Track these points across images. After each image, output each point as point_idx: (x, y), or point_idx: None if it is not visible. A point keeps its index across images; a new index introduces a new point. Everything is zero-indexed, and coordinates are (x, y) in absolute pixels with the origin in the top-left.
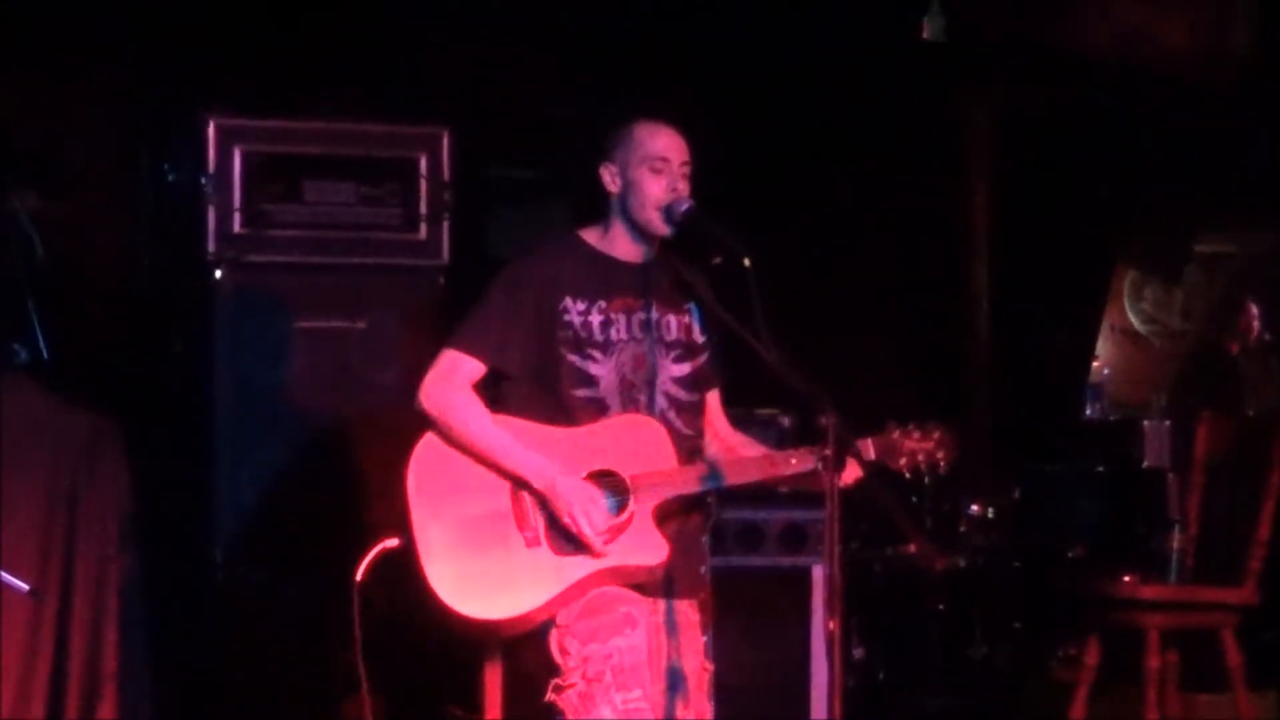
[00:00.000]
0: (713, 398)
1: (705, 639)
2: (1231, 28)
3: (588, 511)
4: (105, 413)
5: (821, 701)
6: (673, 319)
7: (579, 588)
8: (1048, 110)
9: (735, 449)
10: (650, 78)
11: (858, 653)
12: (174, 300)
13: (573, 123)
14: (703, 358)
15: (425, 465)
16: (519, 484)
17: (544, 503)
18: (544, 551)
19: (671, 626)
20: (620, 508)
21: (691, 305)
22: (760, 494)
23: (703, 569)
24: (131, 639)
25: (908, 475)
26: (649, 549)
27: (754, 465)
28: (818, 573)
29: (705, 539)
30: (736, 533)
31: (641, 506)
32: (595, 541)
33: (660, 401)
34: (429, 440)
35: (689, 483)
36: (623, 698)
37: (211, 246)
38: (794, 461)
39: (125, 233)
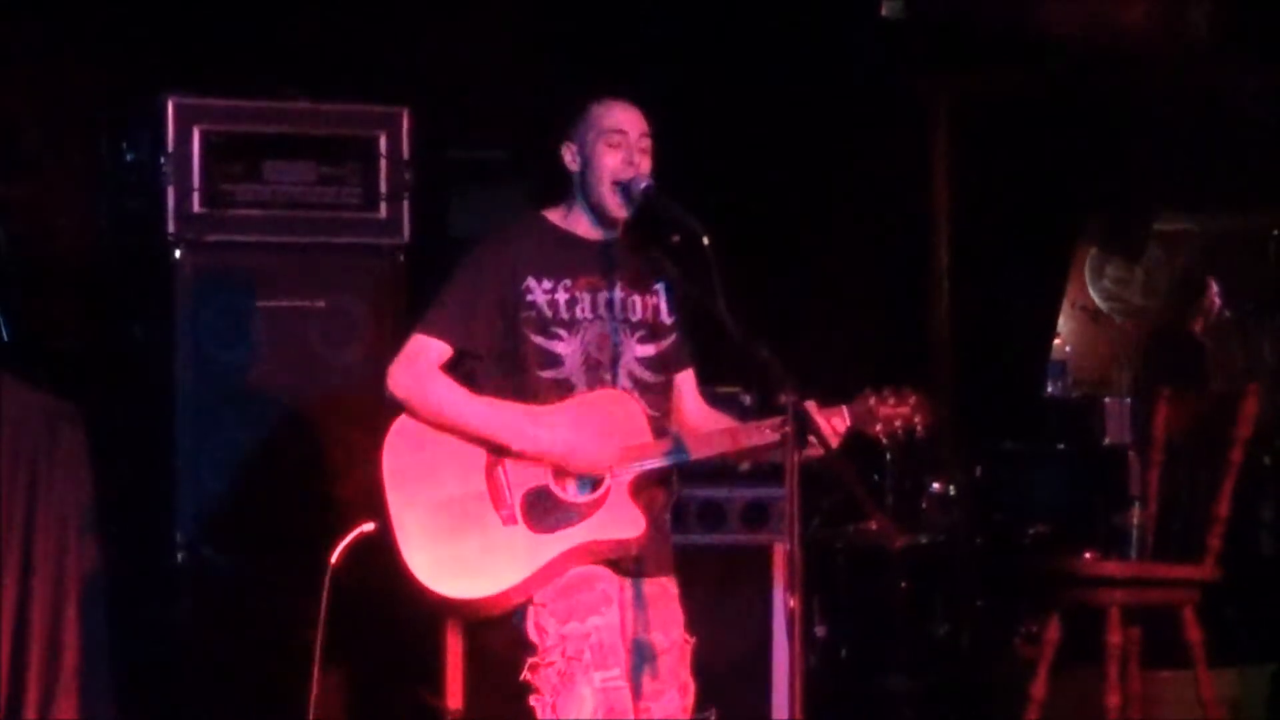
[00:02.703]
0: (685, 378)
1: (683, 611)
2: (1189, 8)
3: (582, 443)
4: (65, 394)
5: (783, 680)
6: (638, 299)
7: (558, 564)
8: (1008, 89)
9: (701, 425)
10: (610, 58)
11: (819, 631)
12: (134, 281)
13: (533, 103)
14: (670, 339)
15: (399, 449)
16: (498, 450)
17: (517, 475)
18: (520, 529)
19: (640, 602)
20: (596, 483)
21: (660, 286)
22: (722, 472)
23: (671, 545)
24: (93, 622)
25: (884, 441)
26: (626, 522)
27: (717, 438)
28: (779, 551)
29: (668, 516)
30: (698, 510)
31: (618, 480)
32: (601, 462)
33: (624, 382)
34: (402, 424)
35: (659, 456)
36: (601, 676)
37: (171, 227)
38: (762, 432)
39: (85, 213)
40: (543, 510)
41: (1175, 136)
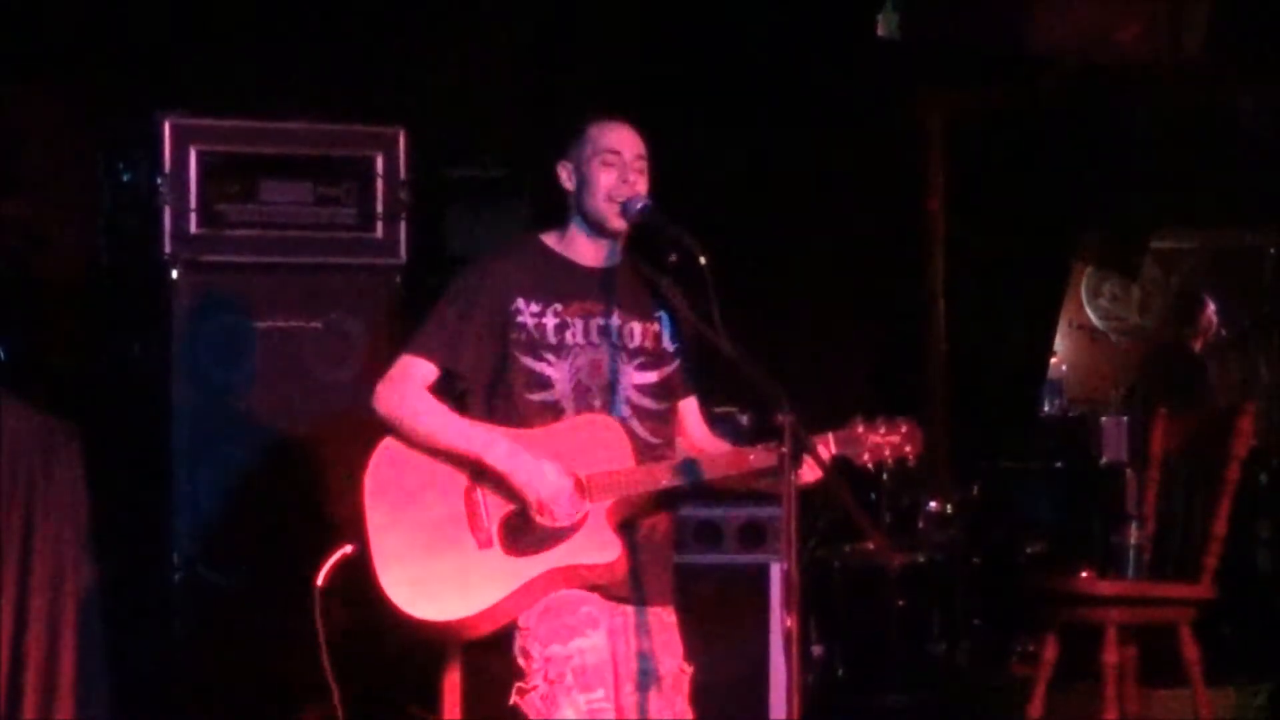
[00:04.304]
0: (688, 405)
1: (682, 640)
2: (1184, 28)
3: (544, 478)
4: (62, 414)
5: (780, 699)
6: (637, 326)
7: (531, 587)
8: (1003, 107)
9: (704, 448)
10: (606, 77)
11: (816, 650)
12: (131, 301)
13: (528, 123)
14: (672, 366)
15: (381, 472)
16: (473, 477)
17: (495, 499)
18: (495, 552)
19: (644, 629)
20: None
21: (663, 314)
22: (719, 491)
23: (671, 574)
24: (89, 641)
25: (871, 469)
26: (600, 547)
27: (720, 461)
28: (776, 570)
29: (672, 546)
30: (695, 530)
31: (596, 506)
32: (558, 510)
33: (623, 409)
34: (385, 447)
35: (653, 480)
36: (585, 698)
37: (168, 247)
38: (752, 458)
39: (81, 233)
40: (519, 534)
41: (1171, 154)
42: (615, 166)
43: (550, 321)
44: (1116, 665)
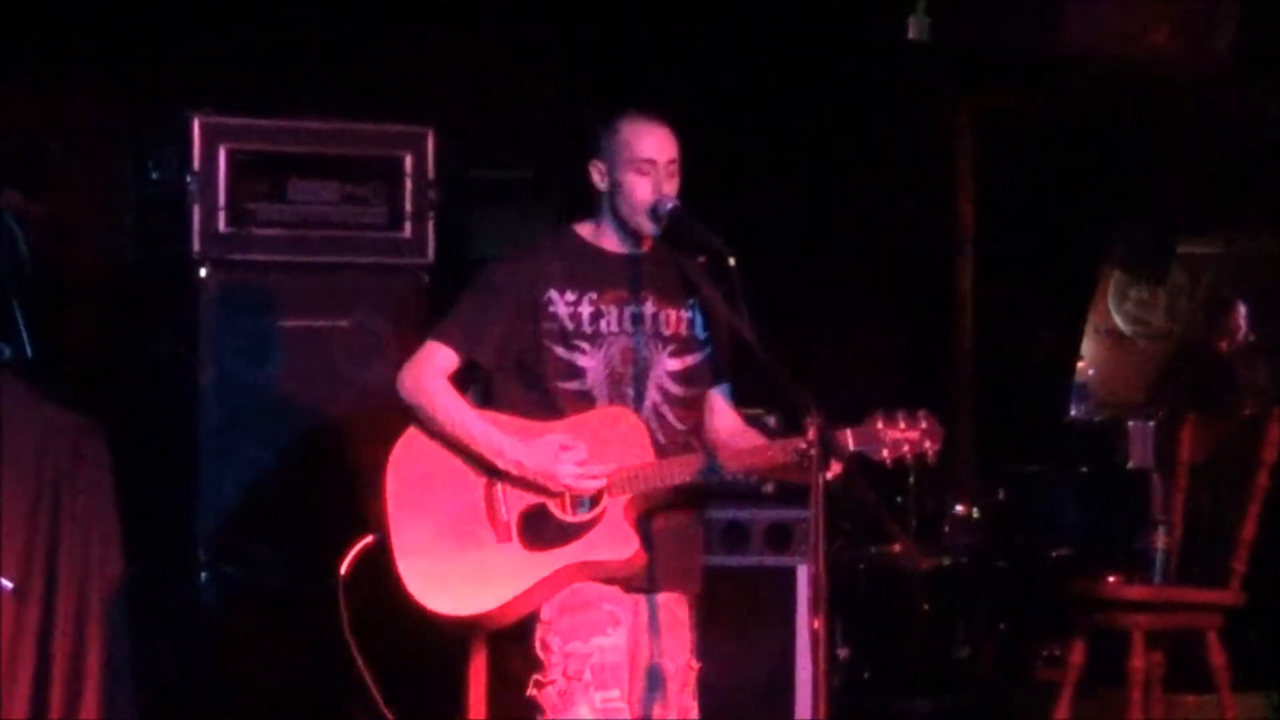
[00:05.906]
0: (717, 394)
1: (694, 636)
2: (1214, 29)
3: (552, 462)
4: (89, 411)
5: (806, 701)
6: (672, 313)
7: (549, 582)
8: (1032, 111)
9: (731, 441)
10: (634, 78)
11: (842, 652)
12: (158, 299)
13: (557, 123)
14: (703, 353)
15: (404, 464)
16: (491, 473)
17: (514, 493)
18: (514, 546)
19: (654, 625)
20: (593, 503)
21: (694, 301)
22: (745, 493)
23: (697, 563)
24: (116, 639)
25: (890, 466)
26: (618, 543)
27: (739, 455)
28: (802, 572)
29: (700, 533)
30: (721, 532)
31: (614, 501)
32: (579, 482)
33: (653, 395)
34: (408, 439)
35: (669, 476)
36: (601, 697)
37: (196, 245)
38: (771, 454)
39: (109, 231)
40: (538, 528)
41: (1199, 158)
42: (649, 176)
43: (585, 310)
44: (1143, 670)
